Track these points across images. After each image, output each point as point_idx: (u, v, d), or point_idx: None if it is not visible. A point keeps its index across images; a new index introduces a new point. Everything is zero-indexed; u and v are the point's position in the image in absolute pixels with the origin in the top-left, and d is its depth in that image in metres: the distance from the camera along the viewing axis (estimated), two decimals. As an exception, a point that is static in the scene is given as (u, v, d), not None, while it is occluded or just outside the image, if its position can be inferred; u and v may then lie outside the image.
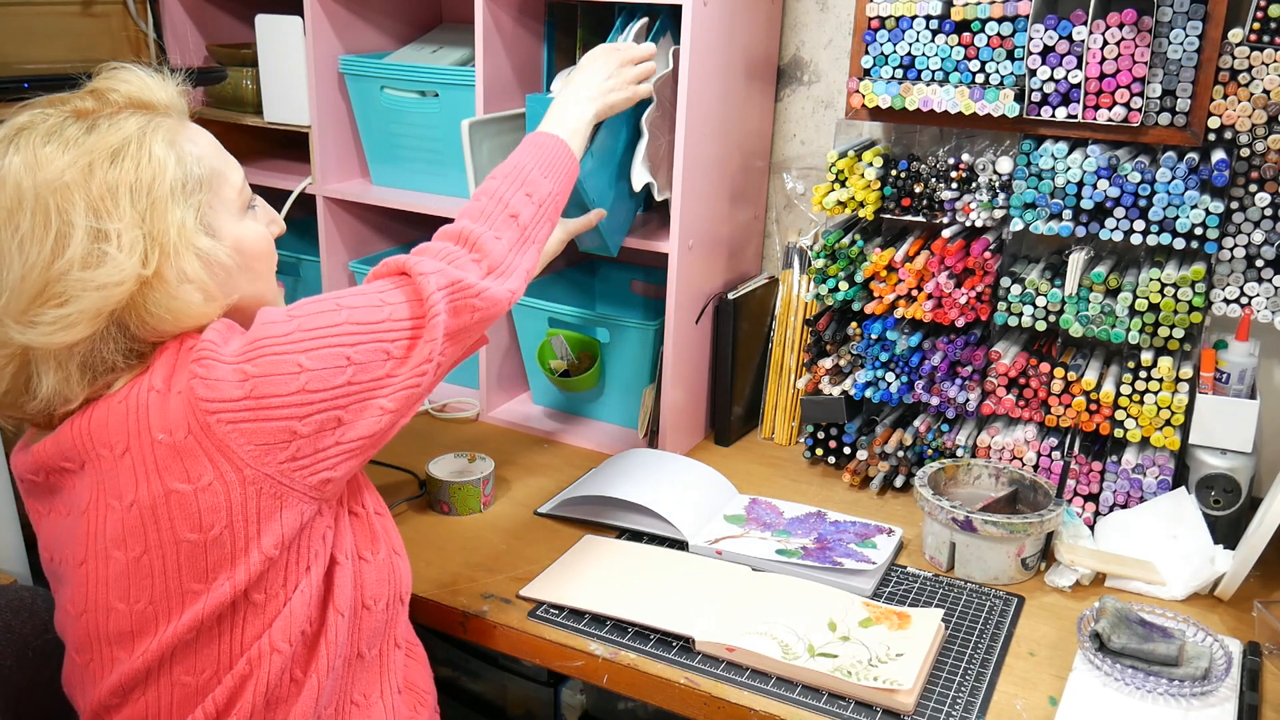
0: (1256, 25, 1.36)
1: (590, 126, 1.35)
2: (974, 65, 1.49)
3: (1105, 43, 1.39)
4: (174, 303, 0.96)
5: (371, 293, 1.03)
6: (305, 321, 0.97)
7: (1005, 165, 1.52)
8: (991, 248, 1.57)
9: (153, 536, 0.95)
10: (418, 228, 2.21)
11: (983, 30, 1.47)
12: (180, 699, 0.99)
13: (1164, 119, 1.42)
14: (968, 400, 1.61)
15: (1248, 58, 1.37)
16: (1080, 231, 1.49)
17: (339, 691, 1.08)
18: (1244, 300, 1.49)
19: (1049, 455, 1.56)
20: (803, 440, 1.81)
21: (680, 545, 1.49)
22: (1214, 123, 1.41)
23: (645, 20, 1.61)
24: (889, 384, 1.65)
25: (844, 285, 1.65)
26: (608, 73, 1.39)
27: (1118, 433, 1.51)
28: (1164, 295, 1.44)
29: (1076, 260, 1.50)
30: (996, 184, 1.53)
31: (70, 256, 0.93)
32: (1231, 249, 1.47)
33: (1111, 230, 1.46)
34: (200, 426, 0.93)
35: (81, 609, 1.00)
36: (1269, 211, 1.43)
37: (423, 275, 1.04)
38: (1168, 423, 1.47)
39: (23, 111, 1.00)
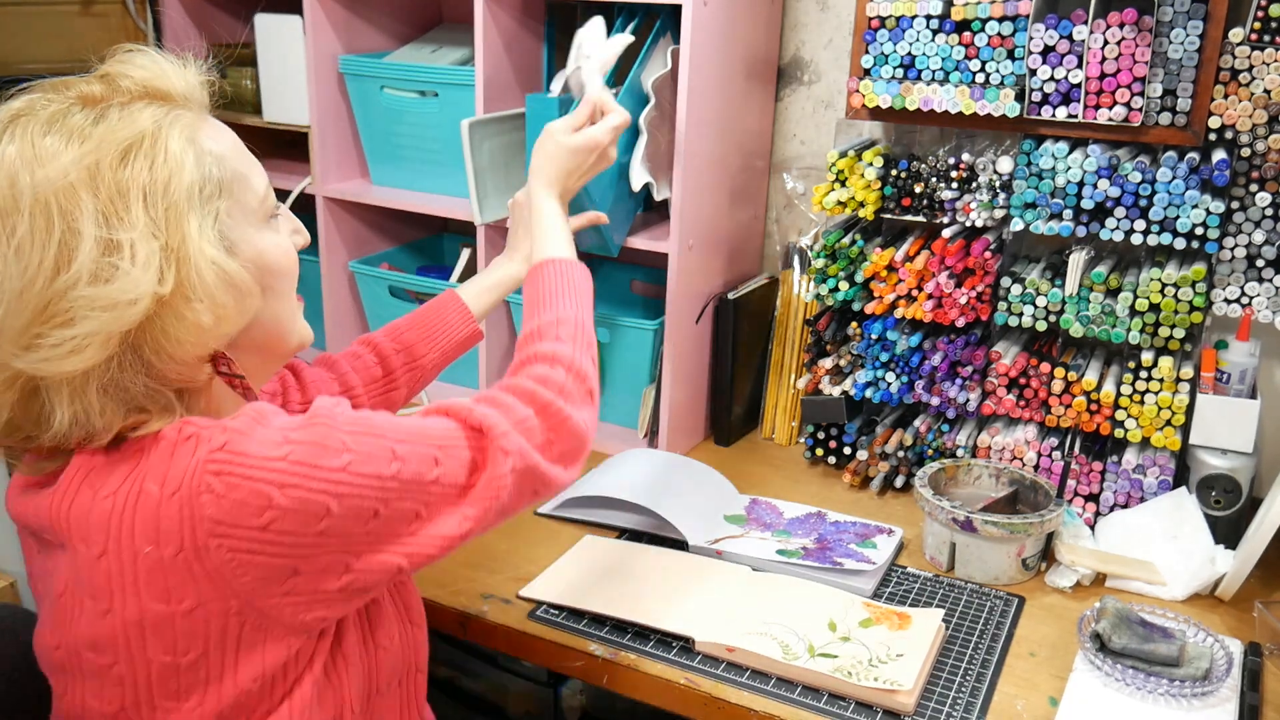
0: (1257, 25, 1.36)
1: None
2: (974, 65, 1.49)
3: (1106, 42, 1.39)
4: (183, 323, 0.84)
5: (430, 442, 0.90)
6: (357, 463, 0.84)
7: (1005, 165, 1.52)
8: (992, 248, 1.57)
9: (124, 650, 0.86)
10: (418, 228, 2.21)
11: (983, 30, 1.47)
12: None
13: (1164, 119, 1.42)
14: (968, 400, 1.61)
15: (1248, 57, 1.37)
16: (1080, 231, 1.49)
17: None
18: (1245, 300, 1.48)
19: (1049, 455, 1.56)
20: (803, 440, 1.81)
21: (680, 545, 1.49)
22: (1214, 122, 1.41)
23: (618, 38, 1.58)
24: (889, 384, 1.65)
25: (844, 285, 1.65)
26: (579, 171, 1.28)
27: (1118, 433, 1.51)
28: (1164, 295, 1.44)
29: (1077, 260, 1.49)
30: (997, 184, 1.53)
31: (77, 270, 0.80)
32: (1232, 249, 1.47)
33: (1112, 230, 1.46)
34: (196, 547, 0.81)
35: (62, 691, 0.92)
36: (1270, 211, 1.43)
37: (503, 453, 0.92)
38: (1168, 423, 1.47)
39: (20, 95, 0.87)
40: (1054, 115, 1.45)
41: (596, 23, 1.43)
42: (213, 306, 0.85)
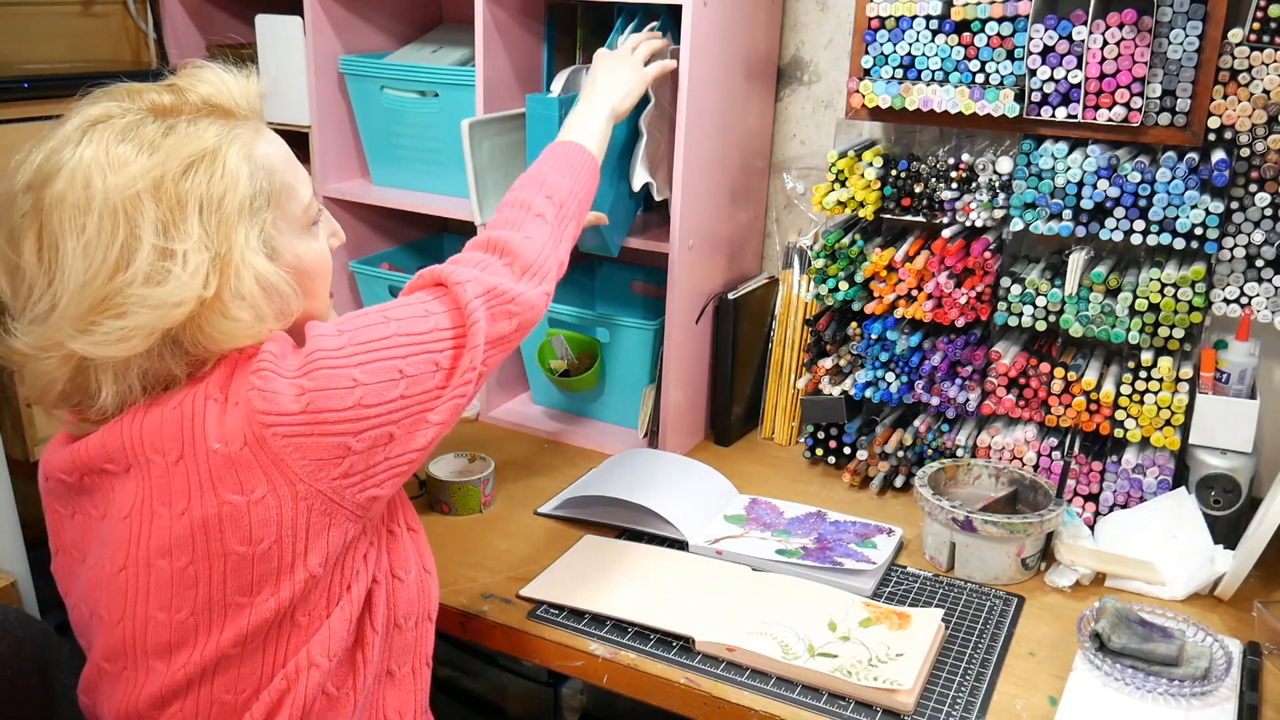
0: (1256, 25, 1.36)
1: (608, 125, 1.39)
2: (974, 65, 1.49)
3: (1105, 43, 1.39)
4: (226, 322, 0.93)
5: (415, 304, 1.02)
6: (355, 335, 0.96)
7: (1005, 165, 1.52)
8: (991, 248, 1.57)
9: (200, 547, 0.93)
10: (418, 228, 2.21)
11: (983, 30, 1.47)
12: (218, 715, 0.97)
13: (1164, 119, 1.42)
14: (968, 400, 1.61)
15: (1248, 58, 1.37)
16: (1080, 231, 1.49)
17: (371, 709, 1.07)
18: (1244, 300, 1.49)
19: (1049, 455, 1.56)
20: (803, 440, 1.81)
21: (680, 545, 1.49)
22: (1214, 123, 1.41)
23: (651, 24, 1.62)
24: (889, 384, 1.65)
25: (844, 285, 1.65)
26: (619, 73, 1.44)
27: (1118, 433, 1.51)
28: (1164, 295, 1.44)
29: (1076, 260, 1.50)
30: (996, 184, 1.53)
31: (134, 271, 0.90)
32: (1231, 249, 1.47)
33: (1111, 230, 1.46)
34: (256, 439, 0.91)
35: (119, 617, 0.97)
36: (1269, 211, 1.43)
37: (459, 284, 1.03)
38: (1168, 423, 1.47)
39: (99, 100, 0.96)
40: (1054, 115, 1.45)
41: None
42: (252, 308, 0.95)
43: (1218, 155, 1.42)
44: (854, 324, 1.66)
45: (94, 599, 1.00)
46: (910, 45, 1.52)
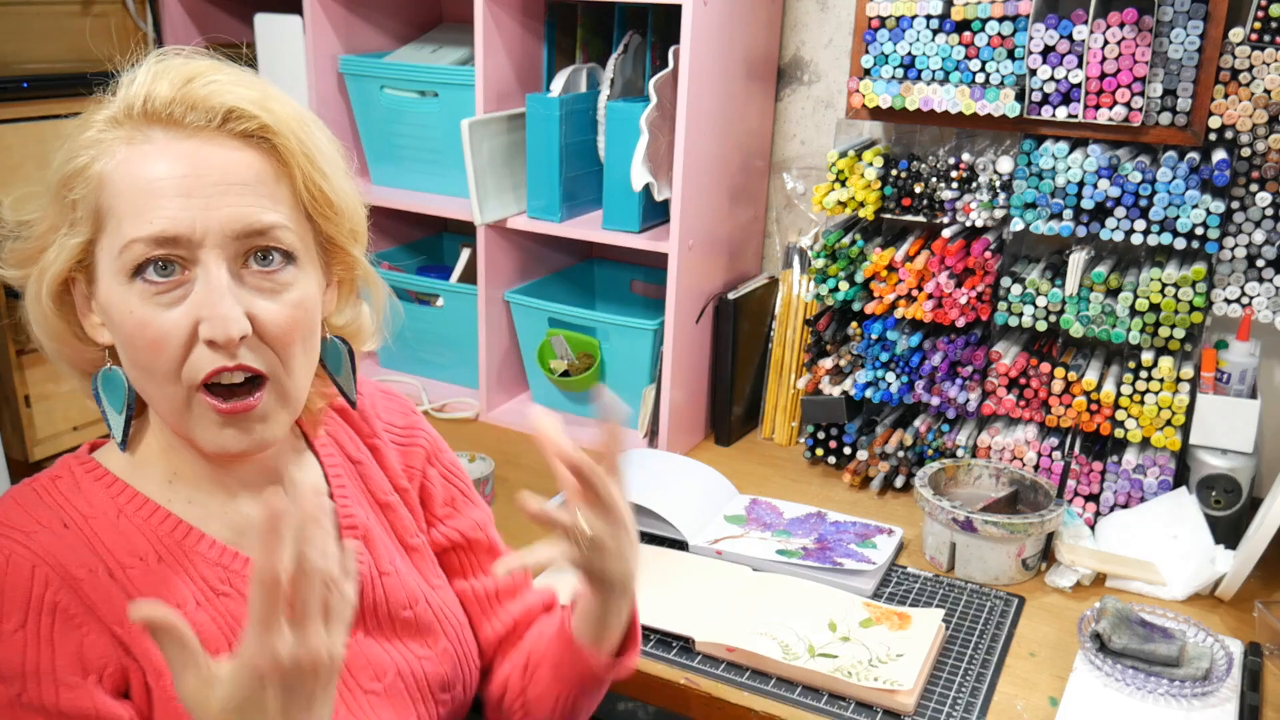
0: (1257, 25, 1.36)
1: None
2: (974, 65, 1.49)
3: (1106, 42, 1.39)
4: (36, 320, 0.86)
5: None
6: None
7: (1005, 165, 1.52)
8: (992, 248, 1.57)
9: None
10: (418, 227, 2.20)
11: (983, 30, 1.47)
12: None
13: (1165, 119, 1.42)
14: (968, 400, 1.61)
15: (1249, 57, 1.37)
16: (1081, 231, 1.49)
17: None
18: (1245, 300, 1.48)
19: (1049, 455, 1.56)
20: (803, 440, 1.81)
21: (680, 545, 1.49)
22: (1215, 122, 1.41)
23: None
24: (889, 384, 1.65)
25: (844, 285, 1.65)
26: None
27: (1118, 433, 1.51)
28: (1164, 295, 1.44)
29: (1077, 260, 1.49)
30: (997, 184, 1.53)
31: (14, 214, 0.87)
32: (1232, 249, 1.47)
33: (1112, 230, 1.46)
34: None
35: None
36: (1270, 211, 1.43)
37: None
38: (1168, 423, 1.47)
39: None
40: (1054, 115, 1.45)
41: None
42: (46, 315, 0.86)
43: (1218, 155, 1.41)
44: (854, 324, 1.66)
45: None
46: (910, 45, 1.52)
